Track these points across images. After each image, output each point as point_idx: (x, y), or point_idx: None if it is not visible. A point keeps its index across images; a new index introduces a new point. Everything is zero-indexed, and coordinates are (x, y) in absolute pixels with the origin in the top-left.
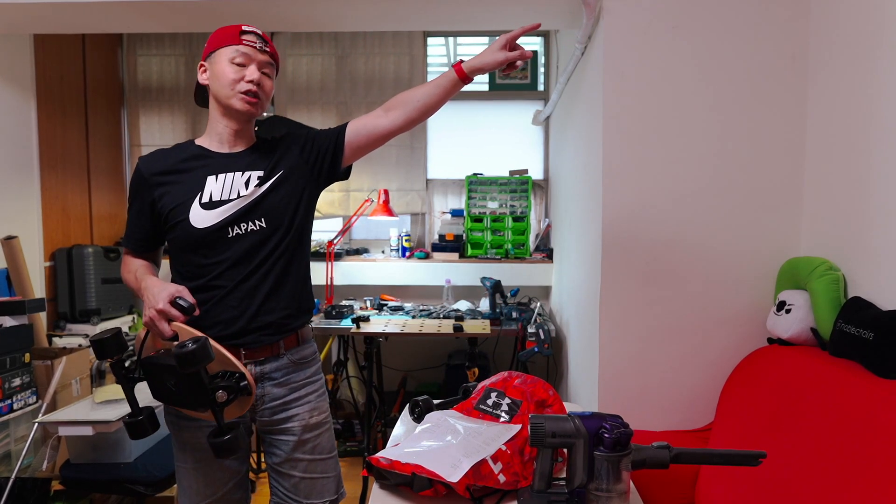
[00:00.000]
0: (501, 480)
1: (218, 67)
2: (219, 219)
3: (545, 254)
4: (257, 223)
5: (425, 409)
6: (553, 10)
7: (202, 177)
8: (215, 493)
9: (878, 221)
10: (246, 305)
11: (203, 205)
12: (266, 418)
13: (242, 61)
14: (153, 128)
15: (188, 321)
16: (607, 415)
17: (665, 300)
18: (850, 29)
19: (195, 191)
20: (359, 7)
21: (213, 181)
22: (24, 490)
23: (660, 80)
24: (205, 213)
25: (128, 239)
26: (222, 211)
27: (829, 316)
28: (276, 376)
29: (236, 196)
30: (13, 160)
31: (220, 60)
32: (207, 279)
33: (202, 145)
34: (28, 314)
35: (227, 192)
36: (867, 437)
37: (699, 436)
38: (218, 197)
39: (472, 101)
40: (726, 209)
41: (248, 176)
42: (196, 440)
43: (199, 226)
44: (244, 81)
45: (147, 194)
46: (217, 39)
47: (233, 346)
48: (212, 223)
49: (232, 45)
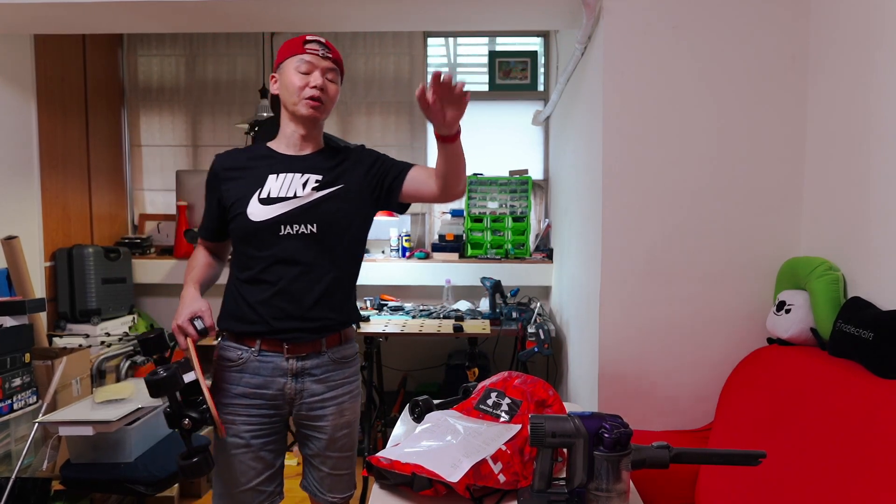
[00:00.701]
0: (501, 480)
1: (285, 77)
2: (272, 214)
3: (545, 254)
4: (308, 227)
5: (425, 409)
6: (553, 10)
7: (264, 174)
8: (248, 482)
9: (878, 221)
10: (294, 308)
11: (261, 200)
12: (303, 412)
13: (307, 69)
14: (153, 128)
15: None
16: (607, 415)
17: (665, 300)
18: (850, 29)
19: (256, 186)
20: (359, 7)
21: (273, 179)
22: (24, 490)
23: (660, 80)
24: (262, 207)
25: (200, 228)
26: (277, 208)
27: (829, 316)
28: (315, 373)
29: (292, 195)
30: (13, 160)
31: (287, 70)
32: (256, 272)
33: (272, 147)
34: (28, 314)
35: (284, 190)
36: (867, 437)
37: (699, 436)
38: (276, 194)
39: (472, 101)
40: (726, 209)
41: (307, 178)
42: (236, 430)
43: (255, 219)
44: (308, 87)
45: (217, 188)
46: (284, 51)
47: (276, 339)
48: (266, 218)
49: (297, 55)
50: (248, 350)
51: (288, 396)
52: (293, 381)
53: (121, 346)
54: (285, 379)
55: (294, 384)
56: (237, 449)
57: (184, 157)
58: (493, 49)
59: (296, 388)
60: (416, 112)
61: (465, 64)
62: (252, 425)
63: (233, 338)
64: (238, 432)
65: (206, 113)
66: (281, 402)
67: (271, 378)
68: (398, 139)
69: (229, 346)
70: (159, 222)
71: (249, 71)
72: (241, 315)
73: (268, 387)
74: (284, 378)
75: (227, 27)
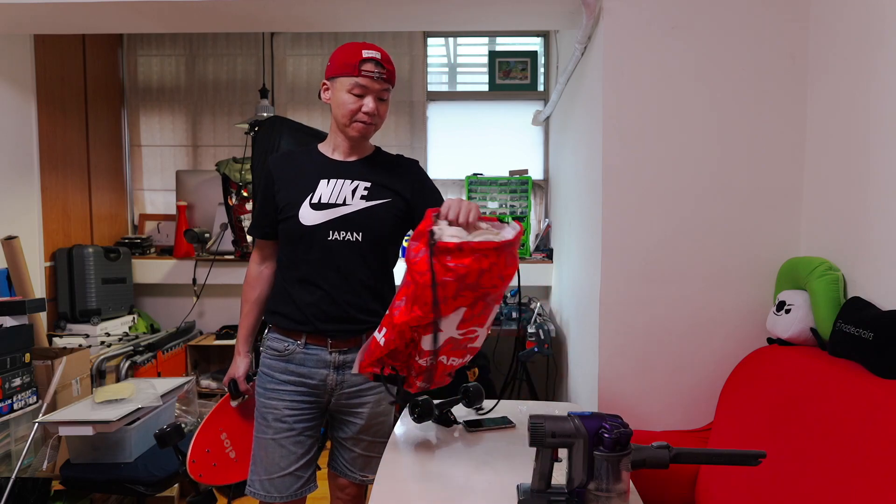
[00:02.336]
0: (382, 343)
1: (338, 95)
2: (323, 220)
3: (545, 254)
4: (355, 235)
5: (425, 408)
6: (553, 11)
7: (316, 179)
8: (288, 467)
9: (877, 221)
10: (338, 312)
11: (313, 205)
12: (343, 401)
13: (360, 92)
14: (153, 128)
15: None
16: (607, 415)
17: (665, 300)
18: (850, 29)
19: (307, 191)
20: (359, 7)
21: (324, 184)
22: (24, 490)
23: (659, 80)
24: (313, 212)
25: (255, 228)
26: (327, 213)
27: (829, 316)
28: None
29: (342, 202)
30: (13, 160)
31: (340, 88)
32: (304, 273)
33: (322, 151)
34: (28, 314)
35: (335, 196)
36: (867, 437)
37: (699, 436)
38: (326, 199)
39: (472, 101)
40: (726, 209)
41: (357, 185)
42: (280, 414)
43: (306, 223)
44: (361, 112)
45: (270, 189)
46: (339, 65)
47: (320, 334)
48: (316, 222)
49: (351, 77)
50: (295, 343)
51: (329, 386)
52: (335, 373)
53: (121, 346)
54: (328, 370)
55: (336, 375)
56: (280, 433)
57: (184, 157)
58: (493, 49)
59: (337, 380)
60: (416, 112)
61: (465, 64)
62: (295, 410)
63: (279, 331)
64: (282, 416)
65: (206, 113)
66: (322, 391)
67: (315, 369)
68: (398, 139)
69: (276, 337)
70: (159, 222)
71: (249, 71)
72: (289, 314)
73: (312, 376)
74: (327, 370)
75: (227, 27)
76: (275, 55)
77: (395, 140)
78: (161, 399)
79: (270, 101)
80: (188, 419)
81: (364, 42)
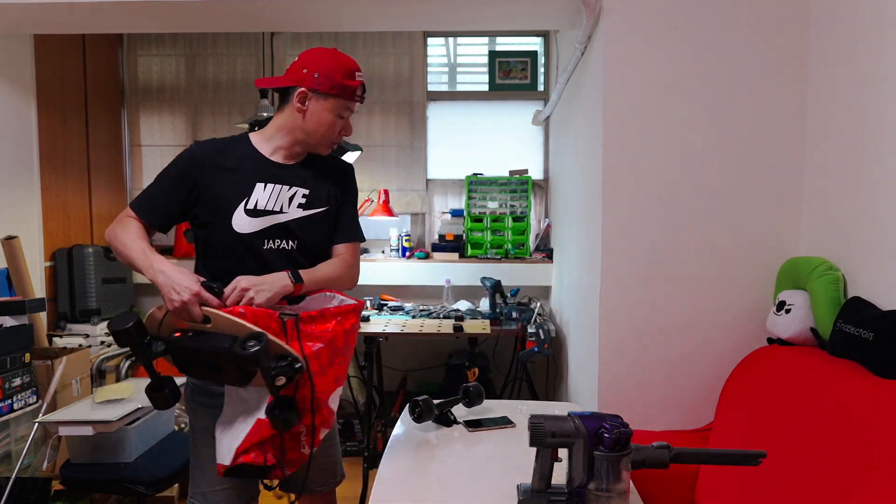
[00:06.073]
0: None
1: (322, 114)
2: (258, 227)
3: (545, 254)
4: (289, 243)
5: (425, 408)
6: (553, 10)
7: (252, 181)
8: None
9: (878, 221)
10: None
11: (248, 211)
12: None
13: (346, 115)
14: (153, 128)
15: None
16: (607, 415)
17: (665, 300)
18: (850, 29)
19: (242, 195)
20: (359, 7)
21: (261, 189)
22: (24, 490)
23: (660, 79)
24: (248, 219)
25: (145, 206)
26: (263, 221)
27: (829, 316)
28: None
29: (279, 209)
30: (13, 160)
31: (328, 108)
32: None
33: (257, 147)
34: (28, 314)
35: (272, 203)
36: (867, 437)
37: (699, 436)
38: (263, 206)
39: (472, 101)
40: (726, 209)
41: (294, 192)
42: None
43: (241, 231)
44: (339, 133)
45: (192, 176)
46: (335, 85)
47: None
48: (251, 230)
49: (344, 101)
50: None
51: None
52: None
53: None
54: None
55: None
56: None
57: None
58: (493, 49)
59: None
60: (416, 112)
61: (465, 64)
62: None
63: None
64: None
65: (206, 113)
66: None
67: None
68: (398, 139)
69: None
70: None
71: (249, 71)
72: None
73: None
74: None
75: (227, 27)
76: (275, 55)
77: (395, 140)
78: None
79: (270, 101)
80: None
81: (350, 58)
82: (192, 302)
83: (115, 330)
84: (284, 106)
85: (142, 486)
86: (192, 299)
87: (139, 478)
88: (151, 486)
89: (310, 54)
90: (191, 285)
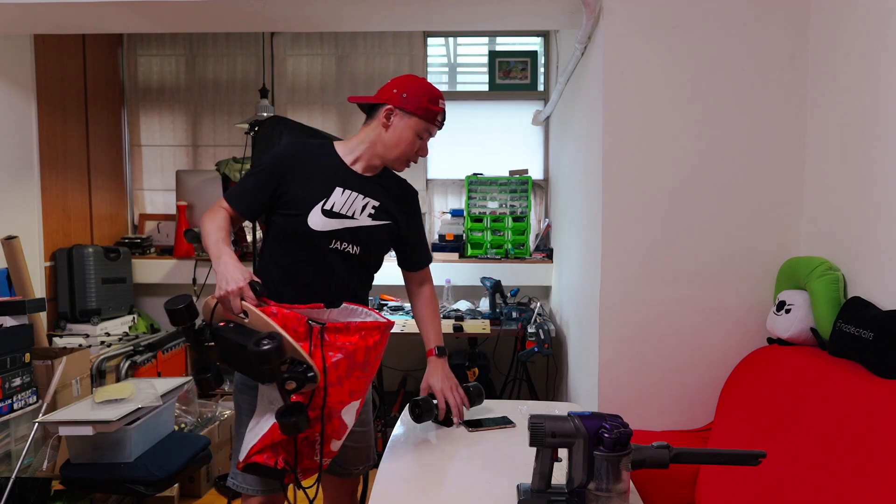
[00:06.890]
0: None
1: (405, 132)
2: (331, 228)
3: (545, 254)
4: (354, 248)
5: (425, 409)
6: (553, 10)
7: (332, 185)
8: None
9: (878, 221)
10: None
11: (324, 211)
12: None
13: (425, 137)
14: (153, 128)
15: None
16: (607, 415)
17: (665, 300)
18: (850, 29)
19: (322, 195)
20: (359, 7)
21: (338, 193)
22: (24, 490)
23: (660, 79)
24: (323, 218)
25: (238, 199)
26: (336, 223)
27: (829, 316)
28: None
29: (351, 215)
30: (13, 160)
31: (410, 126)
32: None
33: (340, 155)
34: (28, 314)
35: (346, 207)
36: (867, 437)
37: (699, 436)
38: (338, 209)
39: (472, 101)
40: (726, 209)
41: (367, 202)
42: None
43: (314, 227)
44: (416, 154)
45: (280, 172)
46: (421, 107)
47: None
48: (324, 229)
49: (427, 123)
50: None
51: None
52: None
53: (121, 345)
54: None
55: None
56: None
57: (184, 157)
58: (493, 49)
59: None
60: None
61: (465, 64)
62: None
63: None
64: (252, 414)
65: (206, 113)
66: None
67: None
68: None
69: None
70: (159, 222)
71: (249, 71)
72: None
73: None
74: None
75: (227, 27)
76: (275, 55)
77: None
78: (161, 399)
79: (270, 101)
80: (188, 419)
81: (437, 89)
82: (234, 294)
83: (169, 309)
84: (370, 121)
85: (142, 486)
86: (235, 291)
87: (139, 478)
88: (151, 486)
89: (402, 78)
90: (238, 280)
